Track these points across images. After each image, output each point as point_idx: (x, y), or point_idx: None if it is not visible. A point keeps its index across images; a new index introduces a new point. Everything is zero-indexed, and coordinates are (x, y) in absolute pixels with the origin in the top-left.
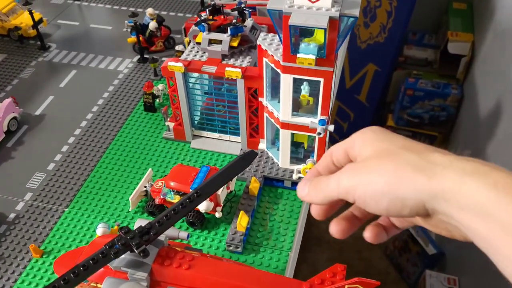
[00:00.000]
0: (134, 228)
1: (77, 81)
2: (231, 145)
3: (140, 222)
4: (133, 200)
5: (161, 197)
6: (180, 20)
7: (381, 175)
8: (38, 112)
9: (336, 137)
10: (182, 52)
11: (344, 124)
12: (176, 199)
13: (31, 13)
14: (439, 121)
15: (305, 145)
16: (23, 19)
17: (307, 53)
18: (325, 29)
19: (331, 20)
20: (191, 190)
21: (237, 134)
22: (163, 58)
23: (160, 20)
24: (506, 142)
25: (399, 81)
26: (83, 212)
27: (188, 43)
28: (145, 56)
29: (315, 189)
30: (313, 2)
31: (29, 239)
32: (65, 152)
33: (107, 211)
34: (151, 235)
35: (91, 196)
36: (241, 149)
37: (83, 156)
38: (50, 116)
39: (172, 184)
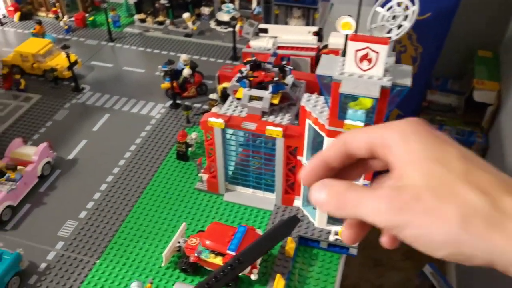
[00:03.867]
0: None
1: (110, 125)
2: (265, 200)
3: (178, 286)
4: (166, 256)
5: (196, 255)
6: (212, 65)
7: (442, 225)
8: (71, 156)
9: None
10: (216, 100)
11: None
12: (211, 258)
13: (68, 56)
14: None
15: None
16: (59, 61)
17: (354, 120)
18: (376, 99)
19: (383, 89)
20: (228, 251)
21: (271, 190)
22: (195, 105)
23: (193, 66)
24: None
25: None
26: (115, 265)
27: (221, 91)
28: (178, 101)
29: (338, 200)
30: (364, 70)
31: None
32: (97, 199)
33: (139, 264)
34: None
35: (123, 248)
36: (275, 205)
37: (115, 204)
38: (83, 161)
39: (208, 243)
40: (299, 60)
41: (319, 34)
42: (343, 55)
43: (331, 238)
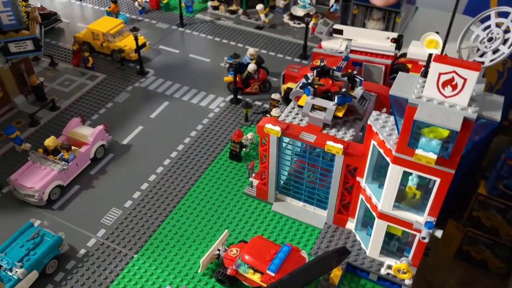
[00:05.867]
0: None
1: (168, 114)
2: (315, 217)
3: None
4: (204, 263)
5: (234, 268)
6: (280, 61)
7: None
8: (125, 142)
9: None
10: (278, 101)
11: None
12: (249, 273)
13: (136, 39)
14: None
15: (399, 236)
16: (128, 42)
17: (427, 150)
18: (456, 132)
19: (465, 121)
20: (267, 271)
21: (324, 207)
22: (256, 102)
23: (259, 62)
24: None
25: (499, 148)
26: (151, 262)
27: (285, 91)
28: (239, 97)
29: None
30: (446, 97)
31: (94, 282)
32: (144, 190)
33: (175, 266)
34: None
35: (162, 246)
36: (326, 223)
37: (161, 198)
38: (136, 147)
39: (247, 258)
40: (372, 67)
41: (398, 41)
42: (424, 75)
43: (383, 271)
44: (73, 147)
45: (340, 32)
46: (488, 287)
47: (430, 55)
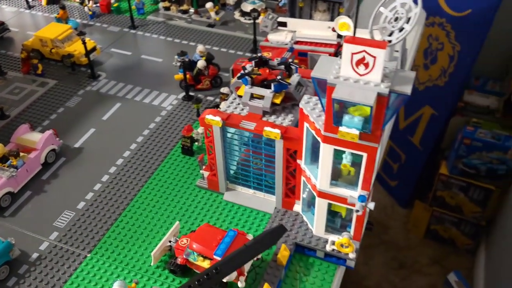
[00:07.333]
0: None
1: (120, 115)
2: (265, 202)
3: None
4: (155, 256)
5: (184, 257)
6: (232, 57)
7: None
8: (77, 145)
9: (386, 178)
10: (227, 95)
11: (395, 165)
12: (199, 261)
13: (84, 43)
14: (497, 174)
15: (343, 215)
16: (77, 47)
17: (350, 127)
18: (371, 107)
19: (379, 96)
20: (214, 256)
21: (272, 192)
22: (208, 97)
23: (209, 58)
24: None
25: (456, 128)
26: (105, 260)
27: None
28: (191, 93)
29: None
30: (361, 75)
31: (47, 284)
32: (97, 191)
33: (129, 261)
34: None
35: (115, 243)
36: (275, 208)
37: (114, 197)
38: (88, 150)
39: (195, 246)
40: (317, 56)
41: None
42: (340, 56)
43: (328, 248)
44: (22, 154)
45: (284, 24)
46: (457, 263)
47: (343, 37)
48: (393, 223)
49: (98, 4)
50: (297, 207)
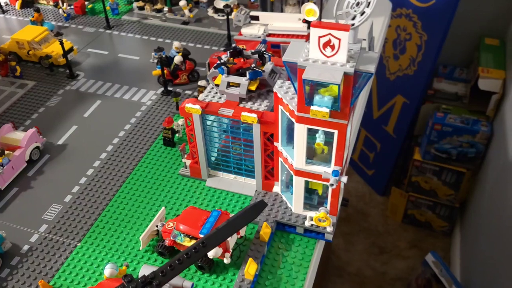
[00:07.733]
0: (139, 275)
1: (101, 112)
2: (246, 186)
3: (145, 269)
4: (143, 240)
5: (171, 239)
6: (207, 52)
7: None
8: (60, 142)
9: (363, 168)
10: (205, 87)
11: (371, 154)
12: (186, 241)
13: (61, 44)
14: (468, 157)
15: (320, 192)
16: (55, 48)
17: (321, 106)
18: (338, 85)
19: (346, 75)
20: (200, 235)
21: (253, 176)
22: (187, 91)
23: (185, 54)
24: None
25: (427, 115)
26: (95, 248)
27: None
28: (169, 88)
29: None
30: (328, 57)
31: (40, 273)
32: (83, 184)
33: (118, 248)
34: (154, 285)
35: (104, 232)
36: (256, 191)
37: (100, 189)
38: (72, 146)
39: (181, 227)
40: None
41: (309, 22)
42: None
43: (307, 223)
44: (6, 152)
45: (257, 18)
46: (434, 245)
47: (309, 22)
48: (372, 211)
49: (72, 6)
50: (277, 188)
